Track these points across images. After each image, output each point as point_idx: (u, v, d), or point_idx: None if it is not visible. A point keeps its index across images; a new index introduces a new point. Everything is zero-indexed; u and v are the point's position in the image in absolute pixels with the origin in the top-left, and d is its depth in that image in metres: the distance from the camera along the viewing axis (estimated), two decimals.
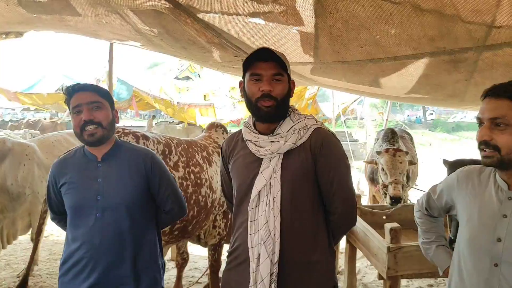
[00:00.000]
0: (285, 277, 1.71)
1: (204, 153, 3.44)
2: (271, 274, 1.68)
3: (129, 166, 2.07)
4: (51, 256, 5.13)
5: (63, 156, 2.20)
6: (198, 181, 3.21)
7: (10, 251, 5.33)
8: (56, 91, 16.99)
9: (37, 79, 18.08)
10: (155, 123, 18.15)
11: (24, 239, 5.44)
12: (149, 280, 2.07)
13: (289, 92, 1.84)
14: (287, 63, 1.81)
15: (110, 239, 1.98)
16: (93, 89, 2.03)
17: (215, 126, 3.92)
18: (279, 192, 1.74)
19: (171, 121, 19.12)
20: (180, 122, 16.16)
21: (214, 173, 3.41)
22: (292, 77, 1.89)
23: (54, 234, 6.03)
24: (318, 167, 1.79)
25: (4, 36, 4.29)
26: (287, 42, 2.90)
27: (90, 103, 1.97)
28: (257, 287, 1.69)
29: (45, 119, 20.18)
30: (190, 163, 3.22)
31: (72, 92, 1.99)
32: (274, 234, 1.71)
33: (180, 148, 3.22)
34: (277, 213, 1.72)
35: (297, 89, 10.51)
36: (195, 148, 3.39)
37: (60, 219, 2.19)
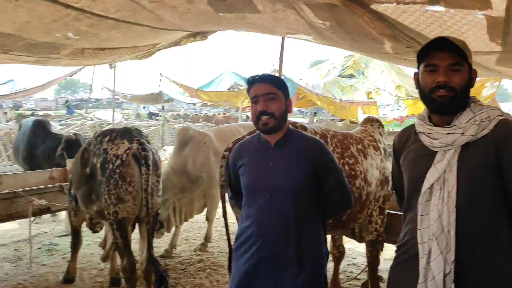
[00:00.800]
0: (462, 278, 1.59)
1: (359, 146, 3.42)
2: (446, 274, 1.58)
3: (298, 153, 2.17)
4: (222, 236, 5.63)
5: (242, 141, 2.41)
6: (353, 172, 3.21)
7: (189, 228, 6.05)
8: (228, 89, 18.56)
9: (213, 77, 20.00)
10: (316, 120, 18.46)
11: (200, 219, 6.10)
12: (312, 266, 2.12)
13: (470, 82, 1.71)
14: (467, 51, 1.68)
15: (276, 221, 2.10)
16: (270, 80, 2.17)
17: (371, 120, 3.86)
18: (455, 187, 1.62)
19: (332, 118, 19.23)
20: (342, 120, 16.13)
21: (369, 166, 3.37)
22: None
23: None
24: (503, 162, 1.62)
25: (192, 39, 4.85)
26: (469, 29, 2.66)
27: (266, 94, 2.12)
28: (428, 284, 1.61)
29: (219, 114, 22.30)
30: (345, 155, 3.24)
31: (252, 82, 2.17)
32: (449, 231, 1.60)
33: (335, 139, 3.26)
34: (452, 208, 1.61)
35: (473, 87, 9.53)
36: (350, 141, 3.40)
37: (237, 199, 2.40)
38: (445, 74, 1.65)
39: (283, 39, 5.46)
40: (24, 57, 4.62)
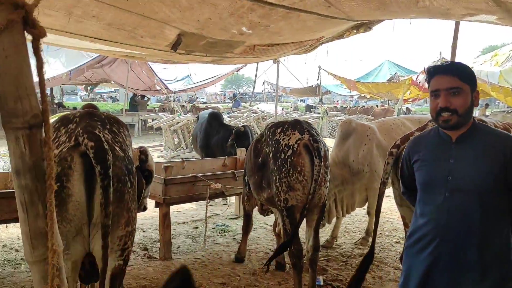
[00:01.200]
0: None
1: None
2: None
3: (485, 150, 1.98)
4: (382, 232, 5.48)
5: (418, 134, 2.31)
6: None
7: (349, 221, 6.04)
8: (388, 80, 17.88)
9: (372, 67, 19.47)
10: (489, 113, 16.64)
11: (360, 213, 6.04)
12: (498, 275, 1.94)
13: None
14: None
15: (457, 221, 1.96)
16: (455, 72, 1.99)
17: None
18: None
19: (509, 111, 17.21)
20: None
21: None
22: None
23: (386, 213, 6.39)
24: None
25: (355, 31, 4.75)
26: None
27: (449, 89, 1.96)
28: None
29: (377, 106, 21.66)
30: None
31: (433, 74, 2.03)
32: None
33: None
34: None
35: None
36: None
37: (410, 194, 2.32)
38: None
39: (457, 23, 5.02)
40: (203, 57, 5.13)
